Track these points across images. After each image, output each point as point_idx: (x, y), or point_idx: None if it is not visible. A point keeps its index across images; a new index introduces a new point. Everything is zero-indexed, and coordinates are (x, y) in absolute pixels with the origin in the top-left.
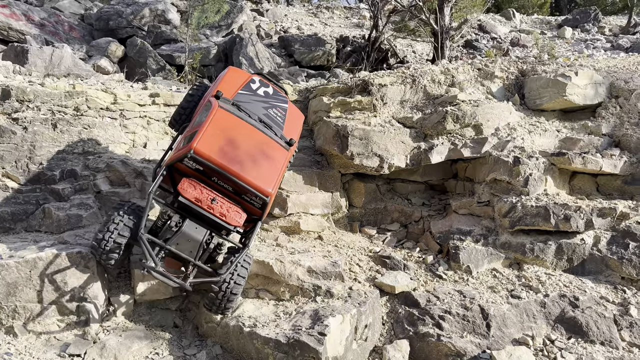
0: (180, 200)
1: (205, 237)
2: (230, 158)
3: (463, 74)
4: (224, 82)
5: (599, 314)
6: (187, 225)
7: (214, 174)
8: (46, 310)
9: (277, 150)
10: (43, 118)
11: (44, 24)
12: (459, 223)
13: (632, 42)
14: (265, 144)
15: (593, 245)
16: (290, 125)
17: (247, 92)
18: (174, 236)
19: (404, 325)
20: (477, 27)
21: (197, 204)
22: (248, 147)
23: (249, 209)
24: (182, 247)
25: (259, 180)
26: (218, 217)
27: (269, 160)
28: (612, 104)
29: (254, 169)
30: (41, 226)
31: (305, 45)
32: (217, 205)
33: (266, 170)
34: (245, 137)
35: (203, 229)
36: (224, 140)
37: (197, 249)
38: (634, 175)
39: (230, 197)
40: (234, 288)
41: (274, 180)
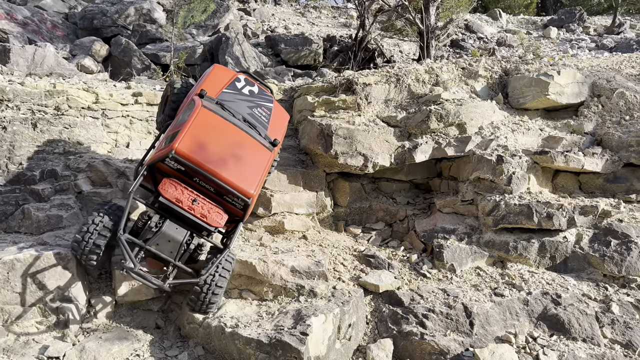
0: (161, 200)
1: (185, 237)
2: (211, 159)
3: (447, 73)
4: (208, 80)
5: (581, 311)
6: (167, 226)
7: (195, 175)
8: (25, 312)
9: (260, 151)
10: (23, 117)
11: (27, 22)
12: (443, 222)
13: (616, 42)
14: (248, 145)
15: (575, 243)
16: (275, 125)
17: (232, 90)
18: (154, 237)
19: (388, 324)
20: (464, 27)
21: (177, 205)
22: (230, 148)
23: (230, 209)
24: (162, 247)
25: (240, 181)
26: (199, 218)
27: (252, 161)
28: (595, 103)
29: (235, 170)
30: (20, 227)
31: (292, 44)
32: (197, 206)
33: (248, 172)
34: (227, 137)
35: (183, 230)
36: (206, 140)
37: (177, 250)
38: (616, 173)
39: (212, 198)
40: (215, 288)
41: (256, 181)
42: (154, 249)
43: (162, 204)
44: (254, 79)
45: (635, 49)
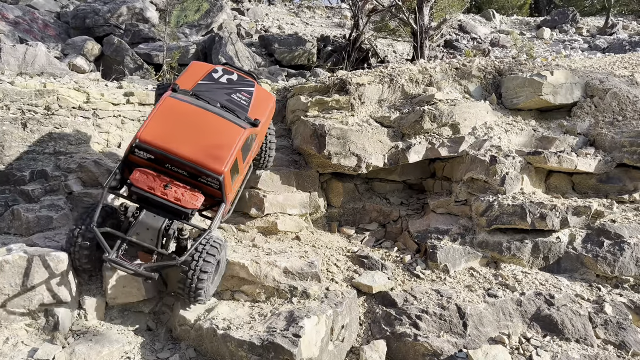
0: (133, 190)
1: (164, 224)
2: (177, 141)
3: (441, 73)
4: (183, 76)
5: (574, 311)
6: (145, 215)
7: (165, 161)
8: (13, 315)
9: (231, 130)
10: (12, 117)
11: (18, 21)
12: (437, 222)
13: (609, 42)
14: (218, 126)
15: (568, 244)
16: (256, 107)
17: (208, 81)
18: (133, 227)
19: (381, 326)
20: (458, 28)
21: (150, 192)
22: (198, 131)
23: (209, 191)
24: (142, 236)
25: (208, 159)
26: (173, 201)
27: (221, 140)
28: (588, 104)
29: (202, 149)
30: (10, 228)
31: (286, 44)
32: (170, 190)
33: (216, 150)
34: (196, 122)
35: (161, 217)
36: (172, 126)
37: (157, 237)
38: (609, 174)
39: (188, 183)
40: (200, 273)
41: (225, 158)
42: (135, 239)
43: (136, 193)
44: (234, 68)
45: (627, 50)
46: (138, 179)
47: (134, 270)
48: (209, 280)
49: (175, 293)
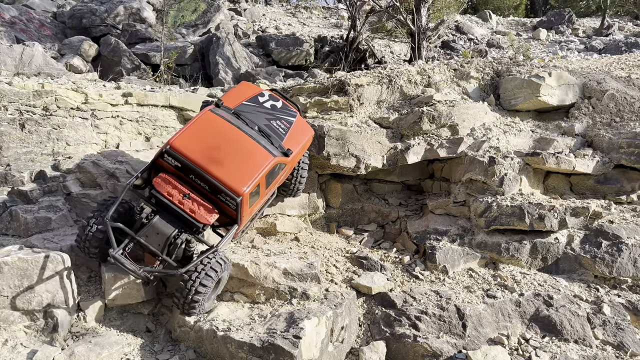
0: (152, 192)
1: (174, 232)
2: (205, 156)
3: (439, 74)
4: (229, 94)
5: (572, 312)
6: (158, 219)
7: (190, 172)
8: (12, 317)
9: (260, 155)
10: (10, 118)
11: (14, 21)
12: (436, 223)
13: (605, 43)
14: (249, 149)
15: (567, 244)
16: (293, 137)
17: (253, 103)
18: (144, 228)
19: (381, 327)
20: (454, 28)
21: (168, 198)
22: (229, 149)
23: (226, 210)
24: (150, 239)
25: (231, 179)
26: (187, 212)
27: (248, 164)
28: (585, 105)
29: (228, 169)
30: (8, 229)
31: (283, 45)
32: (188, 201)
33: (241, 172)
34: (229, 140)
35: (173, 225)
36: (204, 140)
37: (164, 243)
38: (606, 174)
39: (208, 198)
40: (199, 286)
41: (248, 181)
42: (143, 240)
43: (154, 196)
44: (280, 95)
45: (624, 51)
46: (160, 183)
47: (133, 271)
48: (206, 295)
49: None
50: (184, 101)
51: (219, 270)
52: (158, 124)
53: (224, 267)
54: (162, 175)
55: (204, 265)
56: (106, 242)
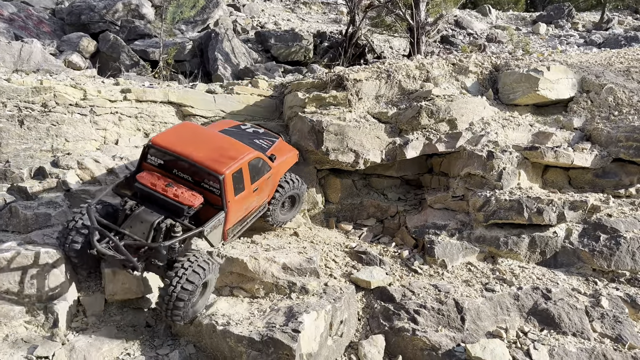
0: (136, 186)
1: (158, 219)
2: (186, 146)
3: (438, 69)
4: (213, 125)
5: (570, 305)
6: (142, 210)
7: (173, 165)
8: (12, 312)
9: (241, 147)
10: (9, 114)
11: (13, 18)
12: (434, 217)
13: (604, 37)
14: (230, 143)
15: (565, 238)
16: (276, 151)
17: (235, 129)
18: (128, 219)
19: (380, 320)
20: (454, 23)
21: (151, 187)
22: (210, 144)
23: (212, 200)
24: (135, 229)
25: (212, 161)
26: (171, 197)
27: (229, 152)
28: (584, 99)
29: (209, 155)
30: (8, 225)
31: (282, 40)
32: (171, 188)
33: (222, 157)
34: (210, 138)
35: (157, 214)
36: (187, 137)
37: (148, 231)
38: (605, 168)
39: (192, 189)
40: (180, 292)
41: (229, 163)
42: (127, 232)
43: (138, 188)
44: (263, 127)
45: (623, 45)
46: (143, 176)
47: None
48: (189, 301)
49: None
50: (183, 97)
51: (202, 273)
52: (157, 119)
53: (210, 269)
54: (145, 171)
55: (185, 269)
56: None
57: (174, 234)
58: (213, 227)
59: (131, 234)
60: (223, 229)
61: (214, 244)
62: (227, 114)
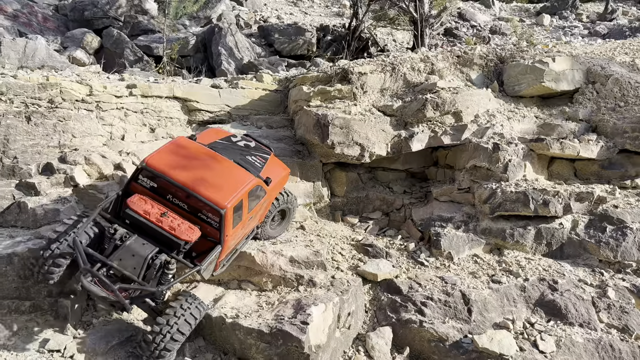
0: (127, 212)
1: (152, 253)
2: (182, 171)
3: (442, 61)
4: (202, 134)
5: (577, 296)
6: (134, 240)
7: (167, 190)
8: (23, 306)
9: (240, 173)
10: (16, 111)
11: (17, 15)
12: (440, 210)
13: (609, 28)
14: (229, 168)
15: (571, 230)
16: (269, 171)
17: (226, 142)
18: (118, 250)
19: (387, 313)
20: (457, 15)
21: (145, 216)
22: (207, 167)
23: (207, 232)
24: (125, 263)
25: (212, 191)
26: (167, 230)
27: (228, 179)
28: (589, 90)
29: (208, 183)
30: (17, 221)
31: (286, 34)
32: (167, 219)
33: (222, 186)
34: (208, 160)
35: (151, 246)
36: (181, 159)
37: (141, 265)
38: (611, 159)
39: (187, 218)
40: (176, 334)
41: (231, 195)
42: (116, 265)
43: (129, 215)
44: (253, 138)
45: (627, 36)
46: (135, 202)
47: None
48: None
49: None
50: (188, 92)
51: (194, 322)
52: (162, 115)
53: (201, 316)
54: (137, 195)
55: (177, 318)
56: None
57: (167, 271)
58: (209, 264)
59: (121, 268)
60: (216, 261)
61: (206, 277)
62: (232, 108)
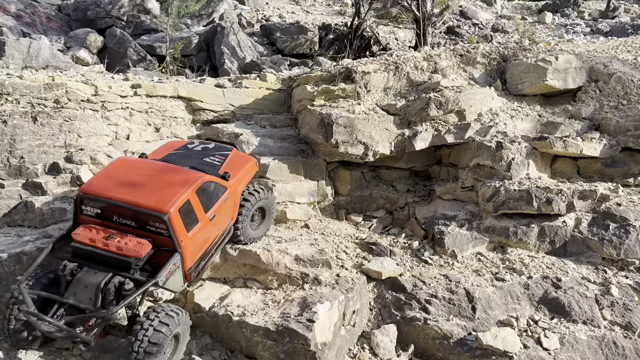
0: (73, 245)
1: (104, 279)
2: (119, 188)
3: (445, 60)
4: (155, 151)
5: (580, 294)
6: (84, 272)
7: (112, 211)
8: None
9: (185, 174)
10: (22, 111)
11: (20, 15)
12: (444, 208)
13: (611, 26)
14: (173, 172)
15: (574, 227)
16: (230, 166)
17: (181, 151)
18: (71, 286)
19: (392, 310)
20: (459, 13)
21: (90, 244)
22: (149, 178)
23: (162, 242)
24: (80, 296)
25: (151, 199)
26: (114, 252)
27: (171, 183)
28: (592, 88)
29: (147, 192)
30: (24, 220)
31: (288, 33)
32: (113, 240)
33: (164, 191)
34: (149, 171)
35: (103, 273)
36: (121, 177)
37: (95, 295)
38: (614, 157)
39: (138, 234)
40: (149, 346)
41: (172, 198)
42: (72, 301)
43: (75, 248)
44: (214, 140)
45: (630, 33)
46: (79, 233)
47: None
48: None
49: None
50: (192, 92)
51: (167, 329)
52: (167, 114)
53: (177, 321)
54: (83, 227)
55: (146, 330)
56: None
57: (125, 292)
58: (169, 274)
59: (77, 303)
60: (183, 271)
61: (175, 290)
62: (236, 107)
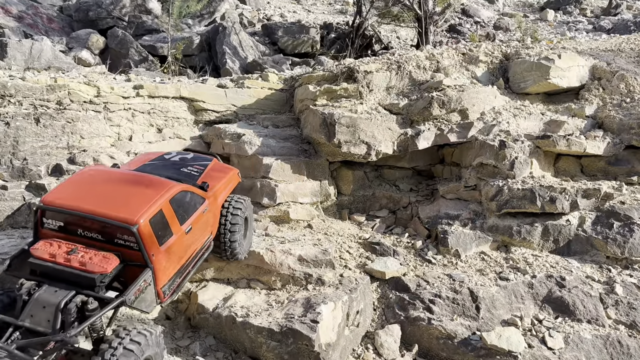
0: (32, 262)
1: (65, 298)
2: (86, 198)
3: (448, 59)
4: (130, 162)
5: (585, 293)
6: (43, 291)
7: (76, 224)
8: None
9: (158, 183)
10: (25, 113)
11: (22, 16)
12: (447, 208)
13: (613, 23)
14: (145, 181)
15: (578, 226)
16: (208, 177)
17: (157, 162)
18: (27, 306)
19: (395, 310)
20: (461, 12)
21: (50, 260)
22: (117, 188)
23: (131, 255)
24: (38, 318)
25: (119, 210)
26: (77, 268)
27: (143, 193)
28: (595, 86)
29: (115, 203)
30: (27, 222)
31: (289, 32)
32: (76, 255)
33: (133, 202)
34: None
35: (64, 291)
36: (86, 188)
37: (55, 316)
38: (617, 156)
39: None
40: None
41: (142, 209)
42: (28, 323)
43: (35, 265)
44: (193, 150)
45: (632, 31)
46: (39, 248)
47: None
48: None
49: None
50: (195, 92)
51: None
52: (169, 115)
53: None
54: (42, 241)
55: (114, 349)
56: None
57: (88, 313)
58: (139, 292)
59: (33, 326)
60: (155, 289)
61: (146, 310)
62: (238, 107)
